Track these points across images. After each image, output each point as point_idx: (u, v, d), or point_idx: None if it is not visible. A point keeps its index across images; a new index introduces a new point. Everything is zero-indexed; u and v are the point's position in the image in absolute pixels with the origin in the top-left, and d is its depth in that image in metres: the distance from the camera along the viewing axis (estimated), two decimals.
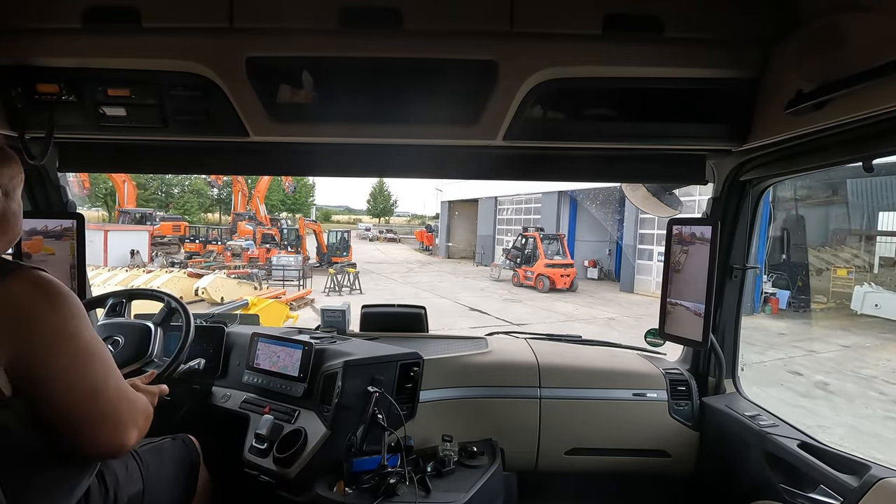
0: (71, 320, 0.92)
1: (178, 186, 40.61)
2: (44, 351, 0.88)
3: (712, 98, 1.37)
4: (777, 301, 12.97)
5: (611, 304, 14.94)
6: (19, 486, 0.91)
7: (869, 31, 0.98)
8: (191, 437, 1.55)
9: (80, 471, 1.06)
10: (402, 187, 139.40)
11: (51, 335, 0.89)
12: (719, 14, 1.25)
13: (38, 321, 0.88)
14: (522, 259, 18.43)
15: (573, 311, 13.61)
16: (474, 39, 1.28)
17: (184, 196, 40.07)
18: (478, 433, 1.89)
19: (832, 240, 15.94)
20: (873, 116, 1.04)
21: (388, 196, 64.00)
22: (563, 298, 15.75)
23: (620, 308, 14.19)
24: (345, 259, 21.31)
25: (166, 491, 1.38)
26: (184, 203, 38.87)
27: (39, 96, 1.32)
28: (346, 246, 22.61)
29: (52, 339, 0.89)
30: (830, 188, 15.12)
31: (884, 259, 15.89)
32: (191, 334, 1.65)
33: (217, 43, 1.28)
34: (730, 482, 1.75)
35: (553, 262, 17.49)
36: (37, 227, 1.81)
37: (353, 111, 1.38)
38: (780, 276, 13.54)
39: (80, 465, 1.03)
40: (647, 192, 1.95)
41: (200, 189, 40.05)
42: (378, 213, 64.45)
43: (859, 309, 12.33)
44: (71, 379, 0.91)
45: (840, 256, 15.62)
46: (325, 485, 1.54)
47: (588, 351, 2.23)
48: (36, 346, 0.88)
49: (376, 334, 2.18)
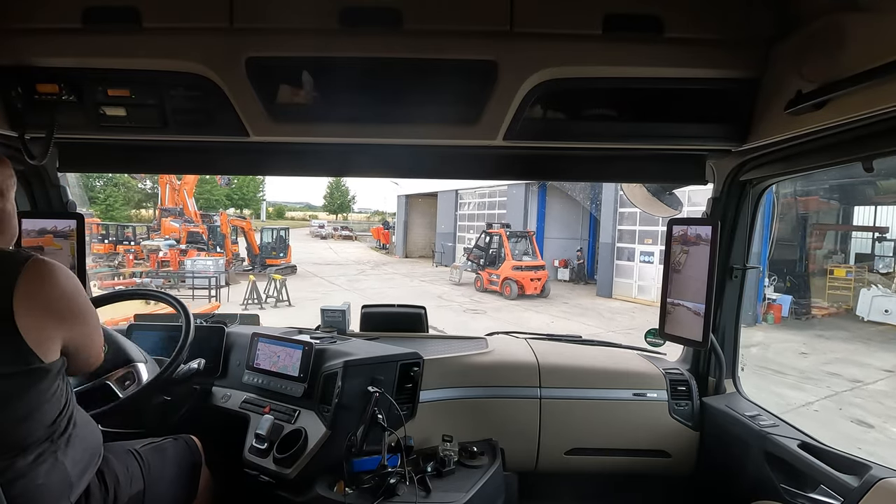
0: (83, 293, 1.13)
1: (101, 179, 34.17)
2: (82, 323, 1.12)
3: (712, 98, 1.37)
4: (780, 308, 11.93)
5: (590, 315, 13.09)
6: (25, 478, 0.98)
7: (869, 31, 0.98)
8: (193, 438, 1.55)
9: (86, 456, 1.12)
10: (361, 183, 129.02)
11: (83, 309, 1.12)
12: (719, 14, 1.25)
13: (76, 299, 1.09)
14: (486, 260, 16.33)
15: (548, 323, 11.55)
16: (474, 39, 1.28)
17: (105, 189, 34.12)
18: (478, 433, 1.89)
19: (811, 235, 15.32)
20: (873, 116, 1.04)
21: (345, 191, 60.38)
22: (535, 307, 13.76)
23: (602, 319, 12.51)
24: (282, 261, 18.86)
25: (167, 491, 1.38)
26: (105, 197, 33.43)
27: (39, 96, 1.32)
28: (284, 246, 19.83)
29: (85, 313, 1.13)
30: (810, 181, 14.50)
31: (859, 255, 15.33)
32: (191, 334, 1.65)
33: (217, 43, 1.28)
34: (730, 482, 1.75)
35: (521, 264, 15.26)
36: (46, 227, 1.81)
37: (352, 111, 1.38)
38: (782, 279, 12.87)
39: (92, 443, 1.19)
40: (647, 193, 1.95)
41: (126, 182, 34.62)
42: (335, 210, 60.95)
43: (866, 315, 11.43)
44: (94, 340, 1.19)
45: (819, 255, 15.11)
46: (326, 485, 1.54)
47: (588, 351, 2.23)
48: (78, 321, 1.11)
49: (376, 334, 2.18)
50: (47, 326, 1.02)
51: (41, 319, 1.01)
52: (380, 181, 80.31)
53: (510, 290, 15.02)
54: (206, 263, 15.15)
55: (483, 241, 16.91)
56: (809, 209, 15.10)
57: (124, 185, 34.95)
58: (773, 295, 12.32)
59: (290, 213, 71.41)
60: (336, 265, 23.28)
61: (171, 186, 21.04)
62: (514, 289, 14.95)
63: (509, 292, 15.03)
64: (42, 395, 1.02)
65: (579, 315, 13.06)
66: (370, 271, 21.51)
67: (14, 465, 0.97)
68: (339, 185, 59.11)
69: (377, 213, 63.68)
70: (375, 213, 65.76)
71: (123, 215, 32.58)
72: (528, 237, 16.56)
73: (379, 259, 27.77)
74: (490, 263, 16.19)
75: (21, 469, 0.98)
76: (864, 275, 13.97)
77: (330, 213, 61.79)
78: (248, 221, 21.75)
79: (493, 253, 16.28)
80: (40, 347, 1.00)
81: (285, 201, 78.62)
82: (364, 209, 74.65)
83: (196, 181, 23.19)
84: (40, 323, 1.01)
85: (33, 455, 1.00)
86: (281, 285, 13.03)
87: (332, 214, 61.25)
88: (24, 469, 0.98)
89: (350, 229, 45.06)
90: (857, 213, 16.68)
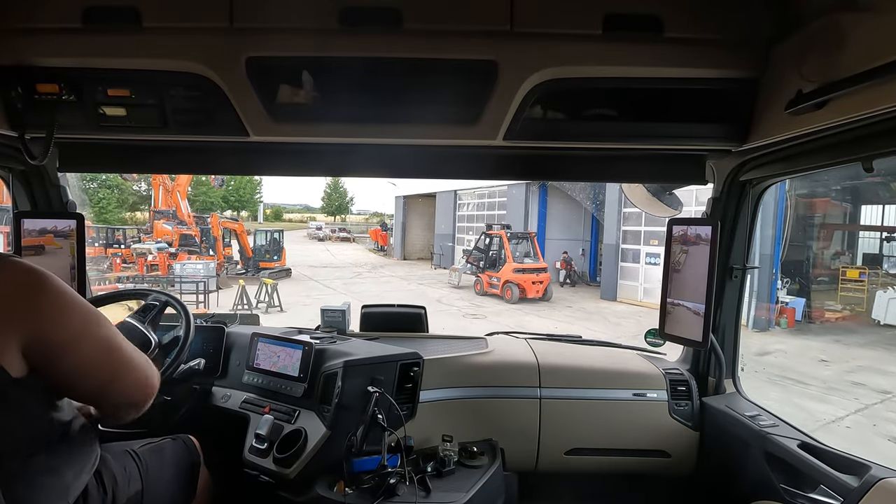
0: (64, 292, 0.99)
1: (95, 180, 32.64)
2: (50, 322, 0.94)
3: (712, 98, 1.37)
4: (793, 312, 11.46)
5: (595, 319, 12.60)
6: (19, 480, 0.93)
7: (869, 31, 0.98)
8: (191, 438, 1.55)
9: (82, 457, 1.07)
10: (360, 184, 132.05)
11: (50, 306, 0.95)
12: (719, 14, 1.25)
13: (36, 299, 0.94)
14: (486, 262, 15.77)
15: (552, 329, 10.58)
16: (474, 39, 1.28)
17: (98, 192, 32.67)
18: (478, 433, 1.89)
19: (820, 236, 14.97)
20: (873, 116, 1.04)
21: (343, 193, 60.52)
22: (537, 311, 13.36)
23: (608, 324, 12.16)
24: (276, 264, 18.38)
25: (166, 491, 1.37)
26: (98, 200, 32.14)
27: (39, 96, 1.32)
28: (278, 248, 19.19)
29: (54, 309, 0.95)
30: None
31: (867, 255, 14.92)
32: (191, 334, 1.65)
33: (217, 43, 1.28)
34: (730, 482, 1.75)
35: (523, 266, 14.67)
36: (46, 227, 1.81)
37: (352, 111, 1.38)
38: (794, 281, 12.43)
39: (88, 444, 1.09)
40: (647, 193, 1.95)
41: (120, 184, 33.32)
42: (333, 211, 61.07)
43: (882, 318, 11.00)
44: (88, 340, 1.00)
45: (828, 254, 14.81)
46: (326, 485, 1.54)
47: (588, 351, 2.23)
48: (43, 320, 0.93)
49: (376, 334, 2.18)
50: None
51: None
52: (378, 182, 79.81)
53: (511, 293, 14.45)
54: (196, 267, 14.55)
55: (483, 242, 16.38)
56: (818, 210, 14.78)
57: (118, 188, 34.09)
58: (785, 298, 11.97)
59: (288, 214, 70.86)
60: (332, 268, 22.84)
61: (164, 188, 20.38)
62: (515, 292, 14.38)
63: (510, 296, 14.46)
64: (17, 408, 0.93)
65: (584, 319, 12.71)
66: (367, 274, 21.06)
67: (9, 468, 0.96)
68: (338, 186, 58.64)
69: (376, 215, 63.28)
70: (374, 215, 65.36)
71: (117, 218, 31.70)
72: (530, 238, 16.09)
73: (376, 261, 27.37)
74: (490, 266, 15.69)
75: (17, 472, 0.96)
76: (878, 276, 13.49)
77: (328, 214, 61.26)
78: (240, 223, 21.04)
79: (494, 255, 15.75)
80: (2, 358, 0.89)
81: (283, 203, 78.21)
82: (363, 211, 74.38)
83: (189, 182, 22.56)
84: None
85: (29, 457, 0.98)
86: (272, 289, 12.46)
87: (330, 216, 60.73)
88: (20, 472, 0.97)
89: (348, 231, 44.65)
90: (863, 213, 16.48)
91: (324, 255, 29.15)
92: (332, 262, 25.76)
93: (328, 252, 31.05)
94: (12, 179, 1.79)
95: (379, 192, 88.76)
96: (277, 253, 19.12)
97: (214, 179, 29.14)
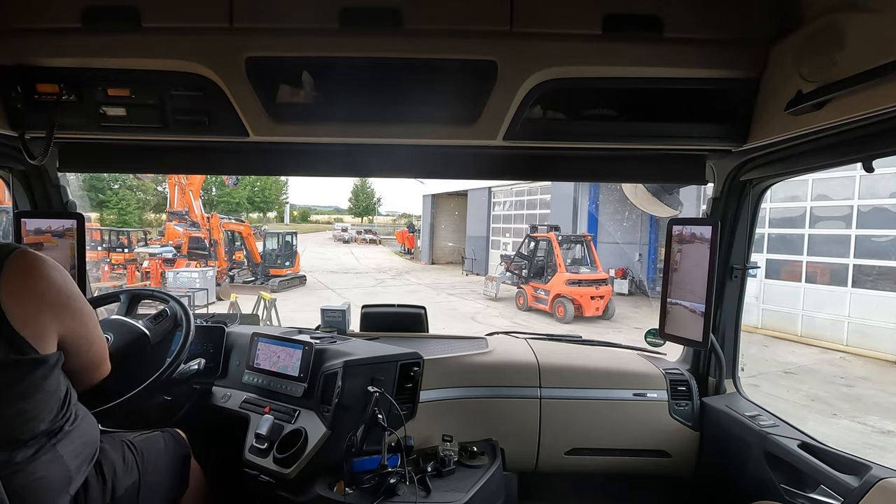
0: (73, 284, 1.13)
1: (118, 182, 31.65)
2: (76, 314, 1.10)
3: (712, 98, 1.37)
4: None
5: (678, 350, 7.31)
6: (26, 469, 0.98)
7: (869, 31, 0.98)
8: (178, 431, 1.56)
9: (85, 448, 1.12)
10: (388, 185, 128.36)
11: (74, 300, 1.11)
12: (719, 14, 1.25)
13: (66, 289, 1.08)
14: (531, 271, 12.86)
15: None
16: (474, 39, 1.28)
17: (118, 193, 31.54)
18: (478, 433, 1.89)
19: None
20: (873, 116, 1.04)
21: (370, 193, 59.08)
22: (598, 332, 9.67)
23: None
24: (289, 271, 16.20)
25: (161, 482, 1.39)
26: (118, 202, 31.14)
27: (39, 96, 1.32)
28: (291, 253, 16.94)
29: (77, 304, 1.11)
30: None
31: None
32: (191, 334, 1.65)
33: (217, 43, 1.28)
34: (730, 482, 1.75)
35: (578, 277, 11.67)
36: (46, 227, 1.81)
37: (352, 111, 1.38)
38: None
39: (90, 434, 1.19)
40: (647, 193, 1.95)
41: (140, 185, 32.37)
42: (360, 213, 59.52)
43: None
44: (93, 338, 1.18)
45: None
46: (326, 485, 1.54)
47: (588, 351, 2.23)
48: (70, 311, 1.09)
49: (376, 334, 2.18)
50: (40, 315, 1.02)
51: (32, 309, 1.01)
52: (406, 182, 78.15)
53: (564, 310, 11.46)
54: (192, 276, 12.98)
55: (527, 247, 13.40)
56: None
57: (140, 188, 32.94)
58: None
59: (317, 216, 69.96)
60: (354, 273, 20.61)
61: (179, 188, 18.22)
62: (568, 309, 11.41)
63: (563, 313, 11.43)
64: (39, 387, 1.02)
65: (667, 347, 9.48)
66: (390, 281, 18.70)
67: (14, 459, 0.97)
68: (365, 186, 57.44)
69: (404, 216, 60.88)
70: (402, 216, 62.80)
71: (139, 219, 30.99)
72: (585, 242, 12.93)
73: (402, 266, 24.93)
74: (536, 275, 12.74)
75: (21, 462, 0.98)
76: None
77: (356, 216, 60.26)
78: (246, 225, 18.61)
79: (540, 262, 12.84)
80: (35, 338, 1.00)
81: (313, 205, 77.62)
82: (391, 212, 72.65)
83: (202, 182, 20.50)
84: (32, 312, 1.01)
85: (33, 448, 1.00)
86: (270, 305, 10.31)
87: (357, 217, 59.54)
88: (24, 462, 0.98)
89: (374, 233, 42.48)
90: None
91: (347, 258, 27.27)
92: (355, 266, 23.62)
93: (352, 255, 29.10)
94: (12, 179, 1.79)
95: (407, 192, 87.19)
96: (290, 258, 16.93)
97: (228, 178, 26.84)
